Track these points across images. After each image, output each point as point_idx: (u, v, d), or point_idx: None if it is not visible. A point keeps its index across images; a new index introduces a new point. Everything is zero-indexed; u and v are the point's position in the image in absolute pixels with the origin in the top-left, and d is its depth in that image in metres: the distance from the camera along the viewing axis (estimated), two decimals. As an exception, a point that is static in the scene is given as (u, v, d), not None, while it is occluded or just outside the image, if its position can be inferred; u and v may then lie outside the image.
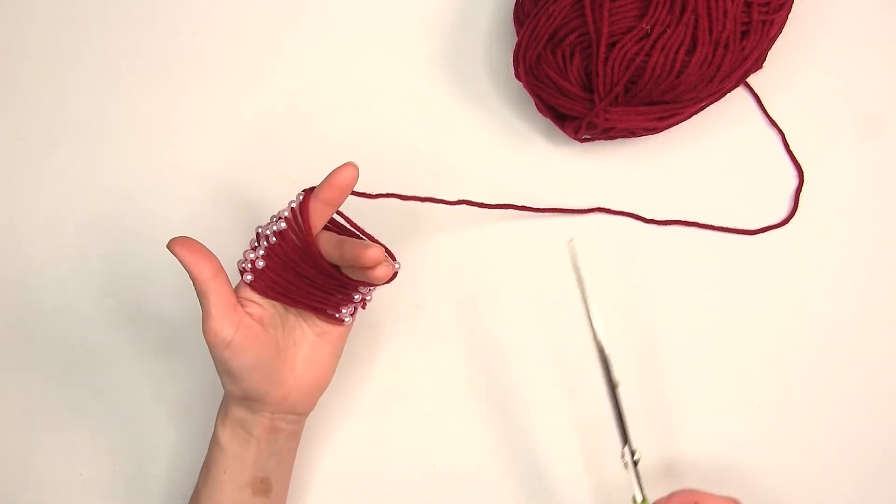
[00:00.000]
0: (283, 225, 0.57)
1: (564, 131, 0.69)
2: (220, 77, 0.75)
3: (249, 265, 0.58)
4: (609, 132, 0.67)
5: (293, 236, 0.57)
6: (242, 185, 0.73)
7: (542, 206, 0.70)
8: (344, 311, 0.60)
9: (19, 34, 0.76)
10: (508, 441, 0.67)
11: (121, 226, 0.72)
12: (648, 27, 0.61)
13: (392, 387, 0.69)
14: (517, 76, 0.68)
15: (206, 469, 0.60)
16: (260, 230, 0.59)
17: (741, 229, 0.70)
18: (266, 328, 0.58)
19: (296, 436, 0.62)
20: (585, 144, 0.71)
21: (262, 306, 0.58)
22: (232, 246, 0.71)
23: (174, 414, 0.69)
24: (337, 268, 0.57)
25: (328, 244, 0.56)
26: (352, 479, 0.68)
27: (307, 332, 0.61)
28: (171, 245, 0.55)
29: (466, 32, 0.75)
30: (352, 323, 0.62)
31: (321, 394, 0.62)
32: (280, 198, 0.71)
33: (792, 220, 0.70)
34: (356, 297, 0.60)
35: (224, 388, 0.59)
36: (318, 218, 0.56)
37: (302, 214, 0.56)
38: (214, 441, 0.60)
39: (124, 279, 0.71)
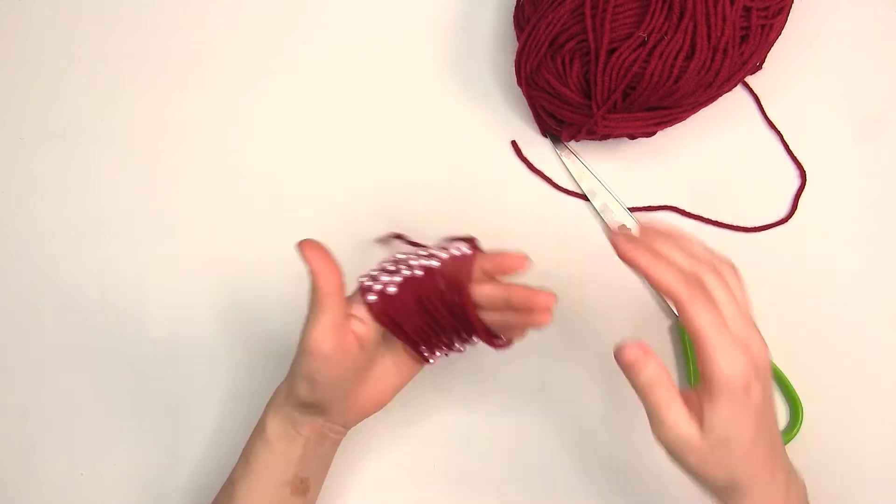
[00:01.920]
0: (436, 264, 0.56)
1: (561, 137, 0.69)
2: (220, 77, 0.75)
3: (379, 286, 0.56)
4: (607, 136, 0.68)
5: (440, 279, 0.55)
6: (239, 183, 0.73)
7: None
8: (437, 353, 0.60)
9: (19, 34, 0.76)
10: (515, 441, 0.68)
11: (121, 225, 0.72)
12: (645, 34, 0.61)
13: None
14: (519, 84, 0.68)
15: (246, 462, 0.59)
16: (402, 257, 0.57)
17: (742, 226, 0.70)
18: (362, 349, 0.57)
19: (337, 444, 0.62)
20: (586, 145, 0.71)
21: (367, 326, 0.56)
22: (219, 245, 0.71)
23: (177, 415, 0.70)
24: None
25: (482, 293, 0.56)
26: (351, 480, 0.68)
27: (386, 358, 0.60)
28: (303, 248, 0.54)
29: (469, 34, 0.75)
30: (432, 364, 0.61)
31: (371, 415, 0.62)
32: (274, 193, 0.72)
33: (792, 219, 0.70)
34: (457, 346, 0.59)
35: (293, 389, 0.57)
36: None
37: (467, 268, 0.55)
38: (260, 435, 0.59)
39: (123, 279, 0.71)
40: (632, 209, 0.71)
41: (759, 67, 0.71)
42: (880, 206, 0.70)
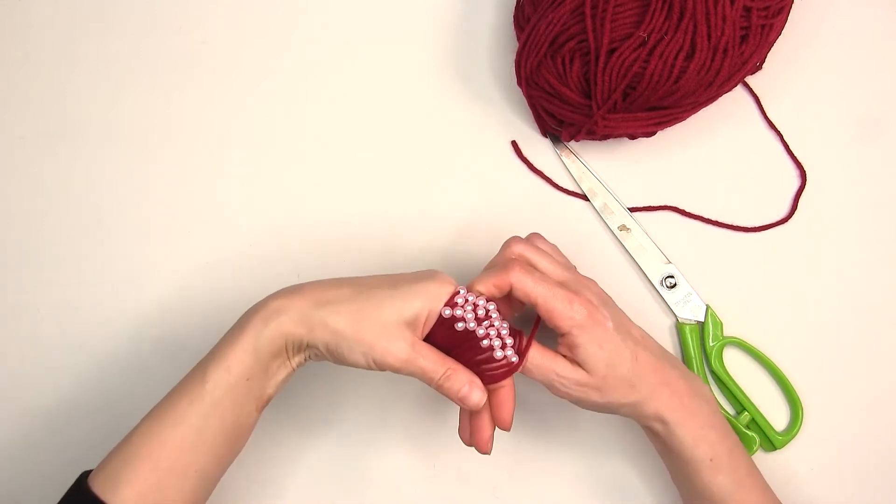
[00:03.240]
0: (499, 355, 0.56)
1: (561, 137, 0.69)
2: (220, 77, 0.75)
3: (459, 312, 0.56)
4: (607, 136, 0.68)
5: (478, 366, 0.57)
6: (239, 183, 0.73)
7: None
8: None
9: (19, 34, 0.76)
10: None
11: (121, 225, 0.72)
12: (645, 34, 0.61)
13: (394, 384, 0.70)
14: (519, 84, 0.68)
15: (228, 369, 0.54)
16: (497, 321, 0.57)
17: (742, 226, 0.70)
18: None
19: None
20: (585, 145, 0.71)
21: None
22: (219, 245, 0.71)
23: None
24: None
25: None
26: (350, 474, 0.68)
27: None
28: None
29: (469, 34, 0.75)
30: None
31: None
32: (274, 192, 0.72)
33: (792, 219, 0.70)
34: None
35: (314, 330, 0.54)
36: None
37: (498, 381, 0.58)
38: (253, 345, 0.55)
39: (122, 278, 0.71)
40: (632, 209, 0.71)
41: (759, 67, 0.71)
42: (880, 206, 0.71)
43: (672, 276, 0.69)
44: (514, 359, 0.57)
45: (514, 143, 0.72)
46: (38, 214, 0.73)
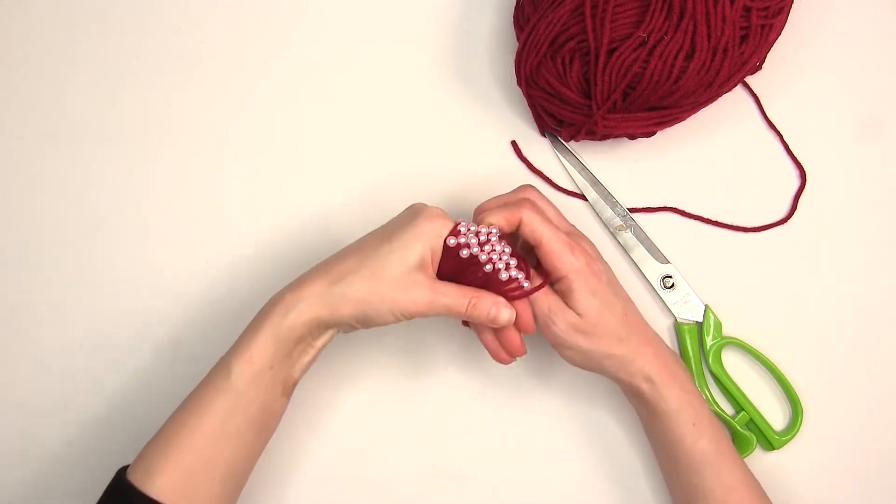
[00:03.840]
0: (504, 277, 0.58)
1: (561, 137, 0.69)
2: (220, 77, 0.75)
3: (463, 240, 0.58)
4: (607, 136, 0.68)
5: (491, 287, 0.59)
6: (239, 184, 0.73)
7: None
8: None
9: (19, 34, 0.76)
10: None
11: (121, 225, 0.72)
12: (645, 34, 0.61)
13: (394, 379, 0.70)
14: (518, 84, 0.68)
15: (250, 360, 0.56)
16: (497, 245, 0.59)
17: (742, 226, 0.70)
18: None
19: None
20: (585, 145, 0.71)
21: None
22: (220, 245, 0.71)
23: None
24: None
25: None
26: (350, 475, 0.68)
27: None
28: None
29: (469, 34, 0.75)
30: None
31: None
32: (275, 193, 0.72)
33: (792, 219, 0.70)
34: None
35: (336, 307, 0.56)
36: None
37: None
38: (273, 337, 0.56)
39: (123, 279, 0.71)
40: (632, 209, 0.71)
41: (759, 67, 0.71)
42: (880, 206, 0.71)
43: (670, 277, 0.69)
44: (521, 276, 0.59)
45: (514, 143, 0.72)
46: (38, 214, 0.73)
